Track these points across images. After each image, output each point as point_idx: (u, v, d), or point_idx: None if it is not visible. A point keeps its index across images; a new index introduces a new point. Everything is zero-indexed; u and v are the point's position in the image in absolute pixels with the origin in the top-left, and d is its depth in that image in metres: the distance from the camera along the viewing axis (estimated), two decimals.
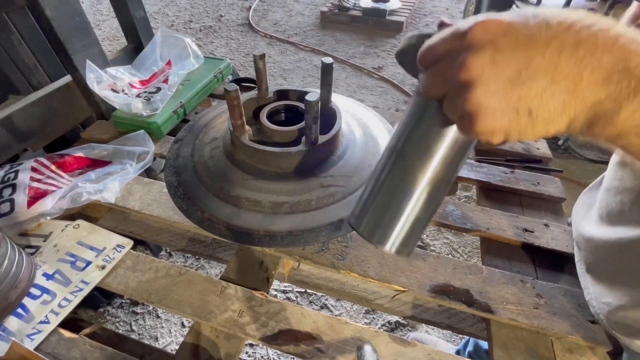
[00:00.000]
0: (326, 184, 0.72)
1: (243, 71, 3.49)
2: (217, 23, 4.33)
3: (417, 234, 0.41)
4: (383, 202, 0.40)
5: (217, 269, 1.81)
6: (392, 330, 1.57)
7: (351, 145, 0.80)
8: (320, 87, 0.78)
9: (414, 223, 0.40)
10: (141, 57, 1.20)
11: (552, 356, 0.61)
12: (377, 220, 0.41)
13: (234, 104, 0.68)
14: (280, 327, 0.64)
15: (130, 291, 0.69)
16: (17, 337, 0.61)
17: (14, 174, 0.80)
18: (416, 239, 0.42)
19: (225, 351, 0.63)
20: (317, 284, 0.85)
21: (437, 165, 0.36)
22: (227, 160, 0.77)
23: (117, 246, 0.76)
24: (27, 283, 0.66)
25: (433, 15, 4.58)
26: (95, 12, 4.56)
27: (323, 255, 0.73)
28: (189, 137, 0.90)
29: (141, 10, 1.28)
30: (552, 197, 0.88)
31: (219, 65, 1.25)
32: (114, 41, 3.93)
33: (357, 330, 0.63)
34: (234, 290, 0.69)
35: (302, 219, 0.69)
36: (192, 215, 0.73)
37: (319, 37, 4.02)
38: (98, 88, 0.98)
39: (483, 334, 0.75)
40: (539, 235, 0.77)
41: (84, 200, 0.80)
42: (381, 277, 0.70)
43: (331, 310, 1.66)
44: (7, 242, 0.64)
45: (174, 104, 1.05)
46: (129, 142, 0.97)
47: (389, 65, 3.55)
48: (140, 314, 1.62)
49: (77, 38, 1.00)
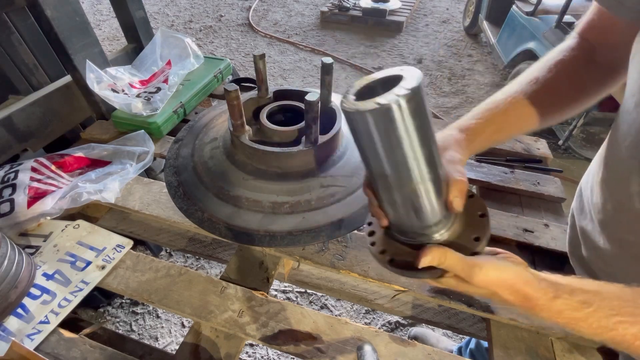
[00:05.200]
0: (326, 184, 0.72)
1: (243, 71, 3.50)
2: (217, 23, 4.33)
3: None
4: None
5: (217, 269, 1.81)
6: (392, 330, 1.57)
7: (351, 145, 0.80)
8: (320, 87, 0.78)
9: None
10: (141, 57, 1.20)
11: (552, 356, 0.61)
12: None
13: (234, 104, 0.68)
14: (280, 327, 0.64)
15: (130, 291, 0.69)
16: (17, 337, 0.61)
17: (14, 174, 0.80)
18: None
19: (225, 351, 0.63)
20: (317, 284, 0.85)
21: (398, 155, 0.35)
22: (227, 160, 0.77)
23: (117, 246, 0.76)
24: (27, 283, 0.66)
25: (433, 16, 4.58)
26: (95, 12, 4.56)
27: (323, 255, 0.73)
28: (189, 137, 0.90)
29: (141, 10, 1.28)
30: (552, 197, 0.88)
31: (219, 65, 1.25)
32: (114, 41, 3.93)
33: (357, 330, 0.63)
34: (234, 290, 0.69)
35: (302, 219, 0.69)
36: (192, 215, 0.73)
37: (319, 37, 4.02)
38: (98, 88, 0.98)
39: (483, 334, 0.75)
40: (539, 235, 0.77)
41: (84, 200, 0.79)
42: (381, 277, 0.70)
43: (331, 310, 1.66)
44: (7, 242, 0.64)
45: (174, 104, 1.05)
46: (129, 142, 0.97)
47: (389, 66, 3.55)
48: (140, 314, 1.62)
49: (77, 38, 1.00)
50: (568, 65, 0.55)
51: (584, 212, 0.62)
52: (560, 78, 0.55)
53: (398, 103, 0.31)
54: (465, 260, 0.41)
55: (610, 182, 0.53)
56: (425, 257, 0.41)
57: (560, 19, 2.31)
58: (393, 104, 0.31)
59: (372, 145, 0.35)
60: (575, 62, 0.56)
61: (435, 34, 4.15)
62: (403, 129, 0.33)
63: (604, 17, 0.54)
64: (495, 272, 0.41)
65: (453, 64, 3.60)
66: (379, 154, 0.36)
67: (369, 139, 0.35)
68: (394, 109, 0.31)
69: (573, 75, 0.55)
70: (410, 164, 0.36)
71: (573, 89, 0.56)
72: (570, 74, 0.55)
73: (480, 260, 0.41)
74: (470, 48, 3.87)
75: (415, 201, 0.39)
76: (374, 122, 0.33)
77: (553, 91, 0.55)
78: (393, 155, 0.35)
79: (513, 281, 0.41)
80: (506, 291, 0.41)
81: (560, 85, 0.55)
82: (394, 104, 0.31)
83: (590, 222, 0.59)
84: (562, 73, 0.55)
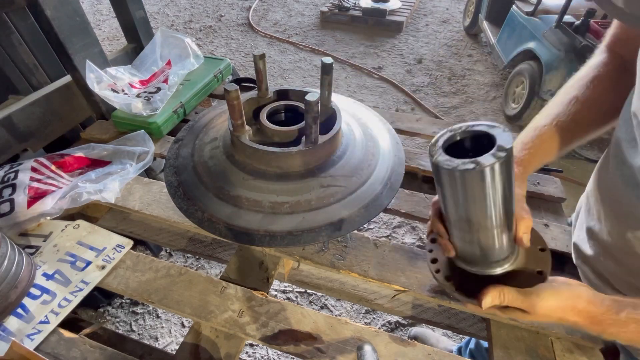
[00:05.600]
0: (326, 184, 0.72)
1: (243, 71, 3.50)
2: (217, 23, 4.33)
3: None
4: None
5: (217, 269, 1.81)
6: (392, 330, 1.57)
7: (351, 145, 0.80)
8: (320, 87, 0.78)
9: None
10: (141, 57, 1.19)
11: (552, 356, 0.61)
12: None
13: (234, 104, 0.68)
14: (280, 327, 0.64)
15: (130, 291, 0.69)
16: (17, 337, 0.61)
17: (14, 174, 0.80)
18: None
19: (225, 351, 0.63)
20: (317, 284, 0.85)
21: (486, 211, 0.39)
22: (227, 160, 0.77)
23: (117, 246, 0.76)
24: (27, 283, 0.66)
25: (433, 16, 4.58)
26: (95, 12, 4.56)
27: (323, 255, 0.73)
28: (189, 137, 0.90)
29: (141, 10, 1.28)
30: (552, 197, 0.88)
31: (219, 65, 1.25)
32: (114, 41, 3.93)
33: (357, 330, 0.63)
34: (234, 290, 0.69)
35: (302, 219, 0.69)
36: (192, 215, 0.73)
37: (319, 37, 4.02)
38: (98, 88, 0.98)
39: (483, 334, 0.75)
40: None
41: (84, 200, 0.79)
42: (381, 277, 0.70)
43: (331, 310, 1.66)
44: (7, 242, 0.64)
45: (174, 104, 1.05)
46: (129, 142, 0.97)
47: (389, 65, 3.55)
48: (140, 314, 1.62)
49: (77, 38, 1.00)
50: (604, 80, 0.57)
51: (591, 213, 0.62)
52: (599, 93, 0.57)
53: (494, 166, 0.33)
54: (523, 293, 0.42)
55: (618, 187, 0.54)
56: (486, 299, 0.43)
57: (560, 19, 2.31)
58: (489, 166, 0.33)
59: (457, 196, 0.38)
60: (610, 75, 0.57)
61: (435, 34, 4.15)
62: (491, 187, 0.36)
63: (627, 29, 0.56)
64: (554, 297, 0.42)
65: (453, 64, 3.60)
66: (463, 204, 0.39)
67: (457, 191, 0.38)
68: (487, 171, 0.34)
69: (611, 89, 0.57)
70: (490, 214, 0.39)
71: (611, 102, 0.57)
72: (608, 88, 0.57)
73: (537, 290, 0.43)
74: (470, 48, 3.87)
75: (489, 242, 0.43)
76: (470, 179, 0.35)
77: (595, 108, 0.57)
78: (477, 206, 0.38)
79: (574, 303, 0.42)
80: (570, 313, 0.42)
81: (600, 100, 0.57)
82: (489, 167, 0.33)
83: (598, 222, 0.59)
84: (600, 89, 0.57)
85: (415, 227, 2.03)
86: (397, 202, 0.84)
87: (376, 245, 0.75)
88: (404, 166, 0.83)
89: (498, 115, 2.93)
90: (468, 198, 0.38)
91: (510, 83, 2.81)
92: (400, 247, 0.75)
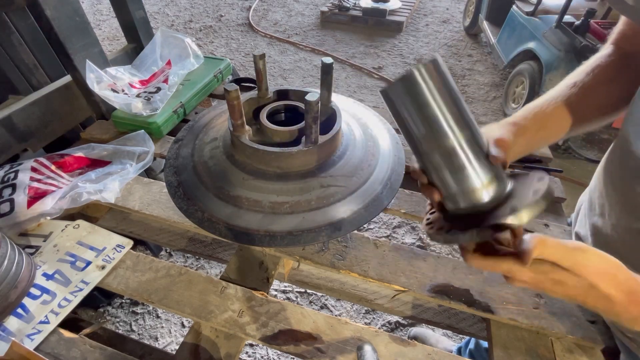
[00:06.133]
0: (326, 184, 0.72)
1: (243, 71, 3.50)
2: (217, 23, 4.33)
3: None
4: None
5: (217, 269, 1.81)
6: (392, 330, 1.57)
7: (351, 145, 0.80)
8: (320, 87, 0.78)
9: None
10: (141, 57, 1.19)
11: (552, 356, 0.61)
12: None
13: (234, 104, 0.68)
14: (280, 327, 0.64)
15: (130, 291, 0.69)
16: (17, 337, 0.61)
17: (14, 174, 0.80)
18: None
19: (225, 351, 0.63)
20: (317, 284, 0.85)
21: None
22: (227, 160, 0.77)
23: (117, 246, 0.76)
24: (27, 283, 0.66)
25: (433, 16, 4.58)
26: (95, 12, 4.56)
27: (323, 255, 0.73)
28: (189, 137, 0.90)
29: (141, 10, 1.28)
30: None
31: (219, 65, 1.25)
32: (114, 41, 3.93)
33: (357, 330, 0.63)
34: (234, 290, 0.69)
35: (302, 219, 0.69)
36: (192, 215, 0.73)
37: (319, 37, 4.02)
38: (98, 88, 0.98)
39: (483, 334, 0.75)
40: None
41: (84, 200, 0.79)
42: (381, 277, 0.70)
43: (331, 310, 1.66)
44: (7, 242, 0.64)
45: (174, 104, 1.05)
46: (129, 142, 0.97)
47: (389, 65, 3.55)
48: (140, 314, 1.62)
49: (77, 38, 1.00)
50: (605, 69, 0.58)
51: (593, 208, 0.62)
52: (598, 81, 0.57)
53: (418, 68, 0.39)
54: (566, 244, 0.36)
55: (624, 179, 0.54)
56: (529, 252, 0.36)
57: (560, 19, 2.31)
58: (414, 69, 0.39)
59: (406, 111, 0.42)
60: (612, 66, 0.58)
61: (435, 34, 4.15)
62: (428, 89, 0.40)
63: (633, 26, 0.56)
64: (599, 259, 0.36)
65: (453, 64, 3.60)
66: (415, 120, 0.42)
67: (403, 107, 0.42)
68: (416, 74, 0.39)
69: (610, 78, 0.57)
70: (441, 120, 0.41)
71: (610, 92, 0.57)
72: (607, 77, 0.57)
73: (581, 246, 0.37)
74: (470, 48, 3.87)
75: (458, 161, 0.42)
76: (408, 85, 0.40)
77: (591, 93, 0.57)
78: (427, 116, 0.41)
79: (617, 272, 0.36)
80: (610, 283, 0.36)
81: (598, 88, 0.57)
82: (415, 70, 0.39)
83: (602, 217, 0.60)
84: (599, 76, 0.57)
85: (415, 227, 2.03)
86: (397, 202, 0.84)
87: (376, 245, 0.75)
88: (404, 166, 0.83)
89: (498, 115, 2.93)
90: (415, 109, 0.41)
91: (511, 83, 2.81)
92: (400, 247, 0.75)
